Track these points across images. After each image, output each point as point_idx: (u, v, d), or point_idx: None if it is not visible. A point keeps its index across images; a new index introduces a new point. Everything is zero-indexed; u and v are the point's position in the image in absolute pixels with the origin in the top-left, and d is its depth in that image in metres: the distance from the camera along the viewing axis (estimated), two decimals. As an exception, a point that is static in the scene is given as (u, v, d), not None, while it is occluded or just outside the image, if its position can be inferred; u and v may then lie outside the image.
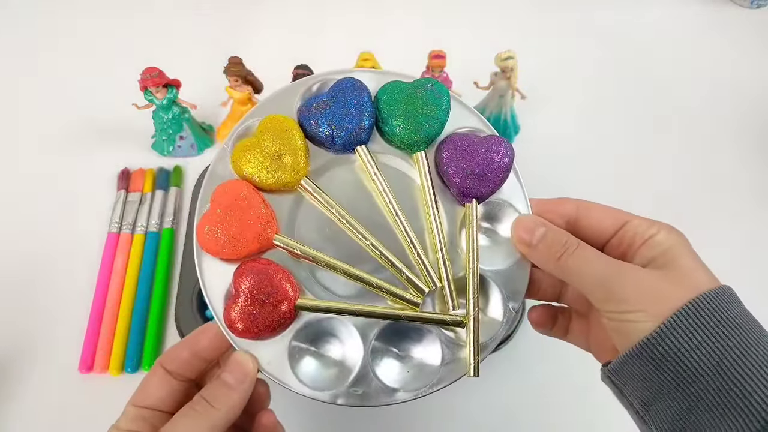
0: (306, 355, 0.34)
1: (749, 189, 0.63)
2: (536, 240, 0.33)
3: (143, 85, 0.57)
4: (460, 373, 0.33)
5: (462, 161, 0.35)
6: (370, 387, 0.33)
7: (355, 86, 0.35)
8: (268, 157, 0.34)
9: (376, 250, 0.34)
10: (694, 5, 0.79)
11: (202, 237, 0.33)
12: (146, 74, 0.56)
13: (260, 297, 0.32)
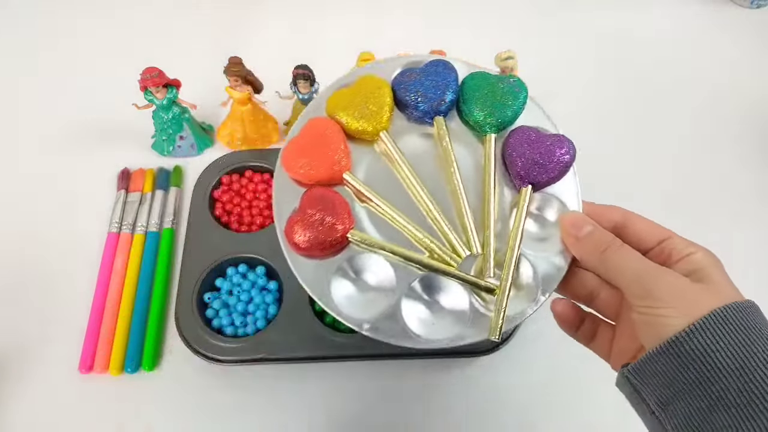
0: (346, 281, 0.37)
1: (750, 189, 0.63)
2: (583, 235, 0.35)
3: (143, 85, 0.57)
4: (483, 337, 0.35)
5: (527, 148, 0.38)
6: (394, 327, 0.36)
7: (446, 66, 0.40)
8: (357, 107, 0.39)
9: (430, 208, 0.37)
10: (694, 5, 0.79)
11: (286, 155, 0.38)
12: (146, 74, 0.56)
13: (320, 216, 0.36)
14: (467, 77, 0.40)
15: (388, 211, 0.37)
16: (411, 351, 0.50)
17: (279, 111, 0.64)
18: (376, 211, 0.38)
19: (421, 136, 0.40)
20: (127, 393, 0.51)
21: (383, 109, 0.39)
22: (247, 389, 0.52)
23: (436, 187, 0.38)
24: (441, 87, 0.39)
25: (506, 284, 0.35)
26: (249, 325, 0.53)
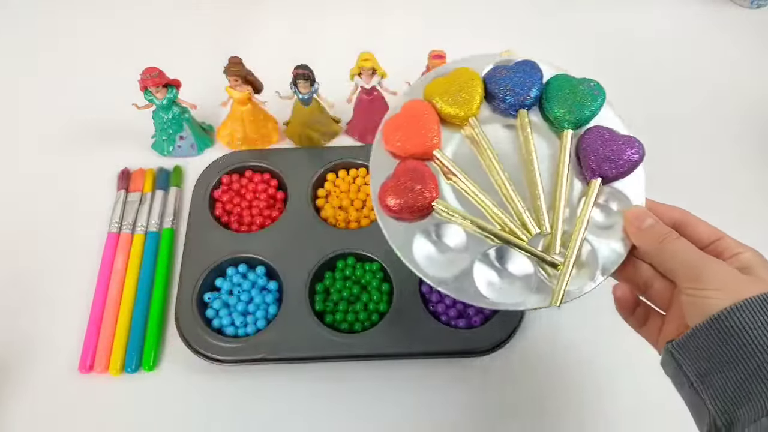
0: (427, 243, 0.41)
1: (750, 189, 0.63)
2: (645, 226, 0.39)
3: (143, 85, 0.57)
4: (543, 305, 0.40)
5: (600, 145, 0.42)
6: (467, 288, 0.40)
7: (534, 66, 0.45)
8: (451, 94, 0.44)
9: (507, 189, 0.42)
10: (694, 5, 0.79)
11: (386, 129, 0.43)
12: (146, 74, 0.56)
13: (410, 184, 0.41)
14: (552, 78, 0.45)
15: (469, 187, 0.42)
16: (411, 351, 0.51)
17: (279, 111, 0.64)
18: (459, 187, 0.42)
19: (504, 126, 0.45)
20: (128, 393, 0.51)
21: (474, 98, 0.44)
22: (247, 389, 0.52)
23: (512, 172, 0.42)
24: (528, 84, 0.44)
25: (570, 260, 0.40)
26: (249, 325, 0.53)
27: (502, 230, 0.41)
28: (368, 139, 0.64)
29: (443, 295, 0.54)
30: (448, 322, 0.53)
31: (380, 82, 0.59)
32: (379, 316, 0.53)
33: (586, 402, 0.52)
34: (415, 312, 0.52)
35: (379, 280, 0.54)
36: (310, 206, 0.59)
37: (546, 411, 0.51)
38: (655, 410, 0.51)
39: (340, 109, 0.63)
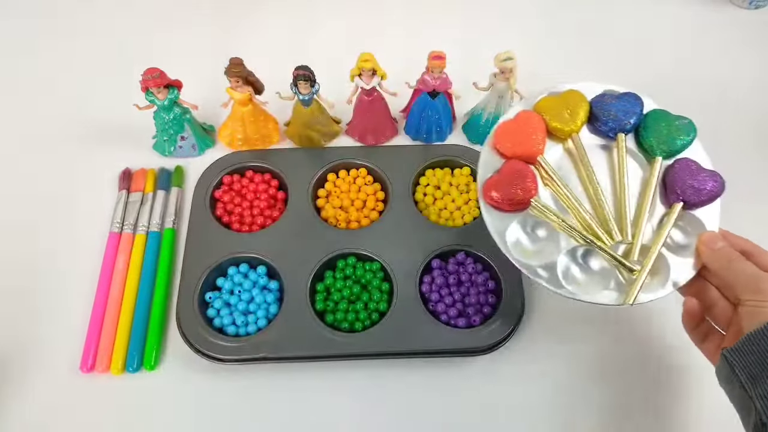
0: (521, 233, 0.48)
1: (750, 188, 0.63)
2: (716, 248, 0.45)
3: (145, 86, 0.57)
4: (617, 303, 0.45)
5: (686, 175, 0.48)
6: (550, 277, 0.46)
7: (637, 98, 0.52)
8: (559, 111, 0.51)
9: (599, 198, 0.48)
10: (693, 5, 0.80)
11: (498, 131, 0.50)
12: (148, 75, 0.56)
13: (512, 180, 0.47)
14: (651, 111, 0.51)
15: (564, 191, 0.48)
16: (411, 350, 0.51)
17: (279, 112, 0.64)
18: (554, 191, 0.49)
19: (599, 146, 0.51)
20: (129, 392, 0.52)
21: (578, 117, 0.50)
22: (248, 388, 0.52)
23: (602, 186, 0.49)
24: (629, 113, 0.50)
25: (647, 267, 0.46)
26: (250, 325, 0.53)
27: (590, 233, 0.47)
28: (368, 139, 0.65)
29: (443, 295, 0.54)
30: (448, 321, 0.53)
31: (380, 83, 0.60)
32: (380, 316, 0.53)
33: (586, 400, 0.52)
34: (415, 311, 0.52)
35: (379, 280, 0.55)
36: (310, 206, 0.59)
37: (546, 410, 0.52)
38: (655, 410, 0.52)
39: (340, 109, 0.63)
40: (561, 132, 0.51)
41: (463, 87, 0.61)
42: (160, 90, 0.57)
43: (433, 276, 0.55)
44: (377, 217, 0.59)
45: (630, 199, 0.48)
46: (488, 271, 0.55)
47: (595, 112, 0.51)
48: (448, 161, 0.62)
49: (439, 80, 0.59)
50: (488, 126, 0.64)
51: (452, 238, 0.57)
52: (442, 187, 0.61)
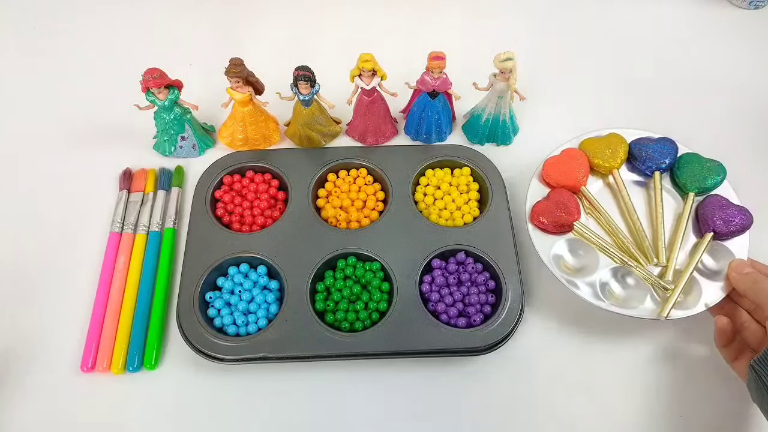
0: (565, 252, 0.55)
1: (749, 189, 0.64)
2: (744, 272, 0.50)
3: (145, 86, 0.57)
4: (651, 317, 0.51)
5: (717, 209, 0.54)
6: (590, 291, 0.52)
7: (672, 142, 0.59)
8: (602, 149, 0.59)
9: (637, 226, 0.55)
10: (693, 6, 0.80)
11: (548, 164, 0.58)
12: (148, 75, 0.56)
13: (559, 206, 0.55)
14: (685, 153, 0.59)
15: (605, 219, 0.56)
16: (411, 350, 0.51)
17: (280, 112, 0.64)
18: (595, 218, 0.57)
19: (636, 183, 0.59)
20: (129, 392, 0.52)
21: (618, 156, 0.58)
22: (248, 388, 0.52)
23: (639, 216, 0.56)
24: (665, 153, 0.58)
25: (680, 286, 0.51)
26: (250, 324, 0.53)
27: (628, 255, 0.53)
28: (368, 139, 0.65)
29: (443, 295, 0.54)
30: (448, 321, 0.53)
31: (380, 83, 0.60)
32: (380, 316, 0.53)
33: (585, 400, 0.52)
34: (415, 311, 0.53)
35: (379, 280, 0.55)
36: (310, 206, 0.59)
37: (546, 408, 0.52)
38: (656, 408, 0.52)
39: (340, 109, 0.63)
40: (602, 168, 0.58)
41: (463, 87, 0.61)
42: (160, 90, 0.58)
43: (434, 276, 0.55)
44: (377, 217, 0.59)
45: (665, 228, 0.55)
46: (488, 271, 0.56)
47: (633, 153, 0.59)
48: (448, 161, 0.62)
49: (438, 80, 0.59)
50: (488, 126, 0.64)
51: (452, 238, 0.57)
52: (442, 187, 0.61)
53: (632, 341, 0.55)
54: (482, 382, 0.52)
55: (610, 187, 0.59)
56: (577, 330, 0.55)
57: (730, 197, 0.56)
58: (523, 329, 0.54)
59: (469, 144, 0.66)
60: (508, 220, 0.58)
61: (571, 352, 0.54)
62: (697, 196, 0.57)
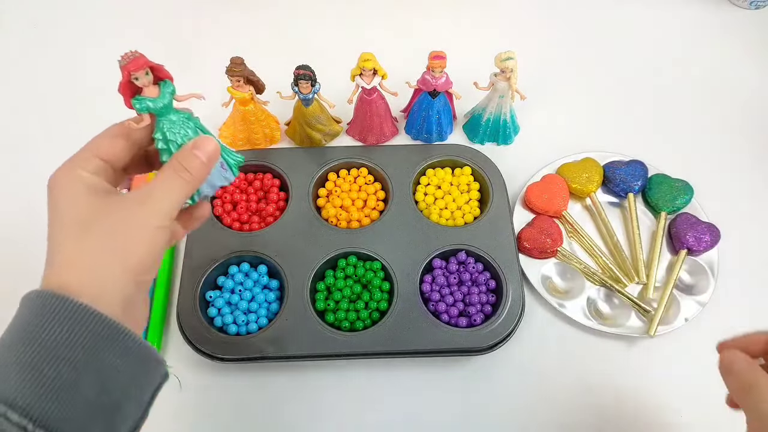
0: (553, 275, 0.58)
1: (750, 188, 0.64)
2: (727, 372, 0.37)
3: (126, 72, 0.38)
4: (636, 334, 0.53)
5: (688, 228, 0.58)
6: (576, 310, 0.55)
7: (643, 165, 0.62)
8: (578, 174, 0.62)
9: (617, 246, 0.58)
10: (693, 6, 0.80)
11: (530, 190, 0.61)
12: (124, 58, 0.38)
13: (544, 232, 0.57)
14: (654, 175, 0.62)
15: (587, 242, 0.59)
16: (412, 350, 0.51)
17: (280, 111, 0.64)
18: (578, 241, 0.59)
19: (611, 203, 0.62)
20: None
21: (594, 180, 0.61)
22: (248, 387, 0.52)
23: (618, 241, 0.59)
24: (636, 176, 0.61)
25: (662, 304, 0.54)
26: (251, 324, 0.53)
27: (608, 277, 0.56)
28: (369, 139, 0.65)
29: (444, 294, 0.54)
30: (449, 321, 0.53)
31: (381, 83, 0.60)
32: (380, 315, 0.53)
33: (586, 399, 0.52)
34: (415, 311, 0.53)
35: (380, 279, 0.55)
36: (311, 206, 0.59)
37: (546, 408, 0.52)
38: (655, 407, 0.52)
39: (341, 109, 0.63)
40: (580, 192, 0.61)
41: (463, 87, 0.61)
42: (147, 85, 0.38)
43: (434, 275, 0.55)
44: (378, 216, 0.59)
45: (642, 248, 0.58)
46: (489, 271, 0.56)
47: (607, 175, 0.62)
48: (449, 161, 0.62)
49: (439, 80, 0.59)
50: (489, 126, 0.64)
51: (453, 238, 0.57)
52: (443, 187, 0.61)
53: (630, 343, 0.55)
54: (483, 381, 0.52)
55: (588, 209, 0.62)
56: (577, 330, 0.55)
57: (698, 214, 0.59)
58: (524, 329, 0.54)
59: (470, 144, 0.66)
60: (509, 219, 0.58)
61: (572, 352, 0.54)
62: (669, 215, 0.60)
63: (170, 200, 0.35)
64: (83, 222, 0.33)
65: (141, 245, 0.33)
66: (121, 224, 0.33)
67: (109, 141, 0.38)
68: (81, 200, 0.34)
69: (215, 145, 0.38)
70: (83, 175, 0.35)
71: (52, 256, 0.33)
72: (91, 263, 0.32)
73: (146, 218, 0.34)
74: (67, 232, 0.33)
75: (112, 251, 0.32)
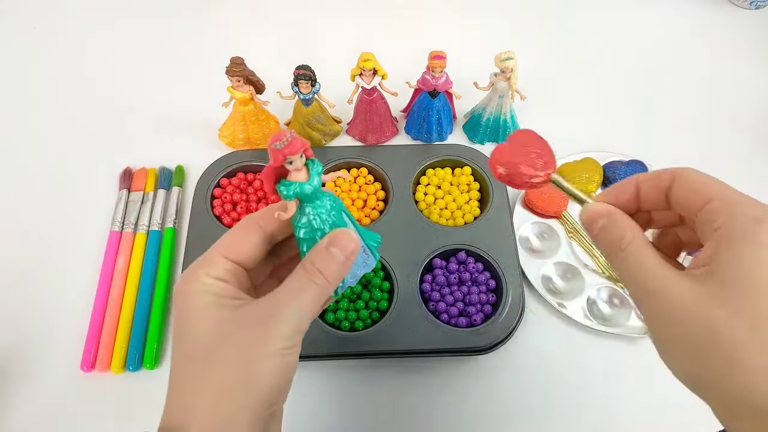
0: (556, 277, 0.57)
1: (750, 188, 0.64)
2: (596, 231, 0.30)
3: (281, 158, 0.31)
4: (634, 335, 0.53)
5: None
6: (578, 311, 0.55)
7: (642, 164, 0.61)
8: (579, 174, 0.62)
9: None
10: (693, 6, 0.80)
11: (530, 192, 0.58)
12: (280, 142, 0.31)
13: (528, 148, 0.36)
14: None
15: (586, 241, 0.58)
16: (412, 349, 0.51)
17: (280, 111, 0.64)
18: (578, 241, 0.59)
19: None
20: (129, 391, 0.52)
21: (594, 180, 0.61)
22: (248, 387, 0.52)
23: None
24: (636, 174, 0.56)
25: None
26: (250, 324, 0.53)
27: (607, 277, 0.56)
28: (369, 139, 0.65)
29: (444, 294, 0.54)
30: (449, 320, 0.53)
31: (381, 83, 0.60)
32: (380, 315, 0.53)
33: (586, 399, 0.52)
34: (416, 310, 0.52)
35: (380, 279, 0.55)
36: (311, 206, 0.59)
37: (547, 408, 0.52)
38: (655, 406, 0.52)
39: (341, 109, 0.63)
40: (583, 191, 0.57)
41: (463, 87, 0.61)
42: (294, 161, 0.32)
43: (434, 275, 0.55)
44: (378, 216, 0.59)
45: None
46: (489, 271, 0.55)
47: (607, 175, 0.62)
48: (449, 161, 0.62)
49: (439, 80, 0.59)
50: (489, 125, 0.64)
51: (453, 238, 0.57)
52: (443, 187, 0.61)
53: (630, 343, 0.54)
54: (483, 381, 0.52)
55: None
56: (577, 330, 0.55)
57: None
58: (524, 329, 0.54)
59: (470, 144, 0.66)
60: (509, 219, 0.58)
61: (572, 352, 0.54)
62: None
63: (301, 313, 0.30)
64: (205, 350, 0.29)
65: (268, 376, 0.29)
66: (245, 353, 0.29)
67: (238, 238, 0.32)
68: (204, 318, 0.30)
69: (354, 239, 0.32)
70: (207, 282, 0.30)
71: (173, 388, 0.30)
72: (212, 403, 0.28)
73: (273, 344, 0.29)
74: (187, 363, 0.30)
75: (235, 388, 0.28)
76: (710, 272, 0.24)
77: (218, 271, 0.31)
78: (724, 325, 0.23)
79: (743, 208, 0.25)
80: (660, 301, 0.25)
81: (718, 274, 0.24)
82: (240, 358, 0.29)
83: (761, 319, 0.22)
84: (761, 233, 0.24)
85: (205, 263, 0.31)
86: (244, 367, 0.28)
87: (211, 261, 0.31)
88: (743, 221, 0.24)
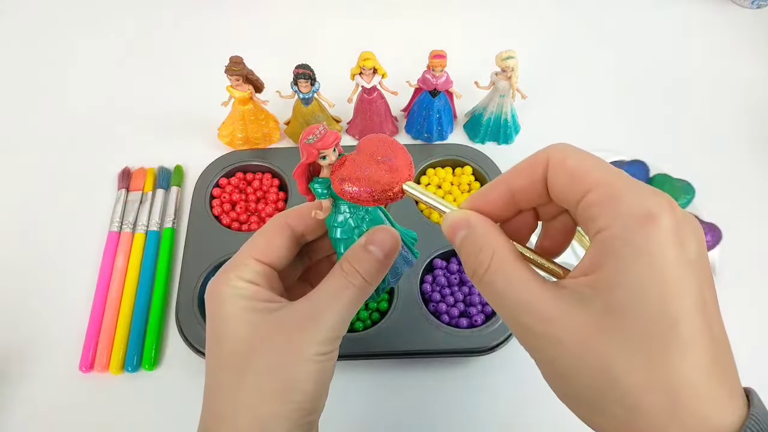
0: None
1: (750, 188, 0.63)
2: (458, 246, 0.25)
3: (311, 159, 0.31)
4: None
5: None
6: None
7: (643, 164, 0.60)
8: None
9: None
10: (694, 5, 0.79)
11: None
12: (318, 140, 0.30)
13: (377, 156, 0.29)
14: (656, 175, 0.60)
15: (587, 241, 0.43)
16: (412, 350, 0.51)
17: (280, 110, 0.64)
18: (579, 242, 0.55)
19: None
20: (128, 392, 0.51)
21: None
22: (247, 388, 0.52)
23: None
24: (638, 176, 0.58)
25: None
26: (250, 325, 0.52)
27: None
28: (369, 138, 0.64)
29: (444, 295, 0.54)
30: (450, 321, 0.53)
31: (381, 82, 0.59)
32: (380, 316, 0.53)
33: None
34: (416, 311, 0.52)
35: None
36: (311, 205, 0.59)
37: (547, 409, 0.51)
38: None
39: (341, 108, 0.63)
40: None
41: (464, 86, 0.61)
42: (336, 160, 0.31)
43: (435, 275, 0.55)
44: (378, 216, 0.59)
45: None
46: (490, 271, 0.55)
47: None
48: (450, 160, 0.62)
49: (440, 79, 0.59)
50: (489, 125, 0.64)
51: (453, 238, 0.56)
52: (444, 187, 0.60)
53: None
54: (484, 382, 0.52)
55: None
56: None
57: (700, 214, 0.58)
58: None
59: (471, 143, 0.66)
60: (510, 219, 0.57)
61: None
62: None
63: (339, 317, 0.28)
64: (240, 356, 0.29)
65: (305, 383, 0.28)
66: (282, 360, 0.28)
67: (268, 239, 0.31)
68: (238, 324, 0.29)
69: (394, 236, 0.30)
70: (239, 285, 0.29)
71: (209, 396, 0.30)
72: (248, 412, 0.28)
73: (309, 349, 0.28)
74: (222, 370, 0.30)
75: (272, 395, 0.28)
76: (595, 289, 0.21)
77: (250, 274, 0.30)
78: (621, 370, 0.20)
79: (629, 203, 0.20)
80: (538, 338, 0.22)
81: (603, 295, 0.20)
82: (277, 365, 0.28)
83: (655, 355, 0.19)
84: (651, 238, 0.19)
85: (236, 266, 0.30)
86: (281, 374, 0.28)
87: (242, 263, 0.30)
88: (629, 222, 0.20)
